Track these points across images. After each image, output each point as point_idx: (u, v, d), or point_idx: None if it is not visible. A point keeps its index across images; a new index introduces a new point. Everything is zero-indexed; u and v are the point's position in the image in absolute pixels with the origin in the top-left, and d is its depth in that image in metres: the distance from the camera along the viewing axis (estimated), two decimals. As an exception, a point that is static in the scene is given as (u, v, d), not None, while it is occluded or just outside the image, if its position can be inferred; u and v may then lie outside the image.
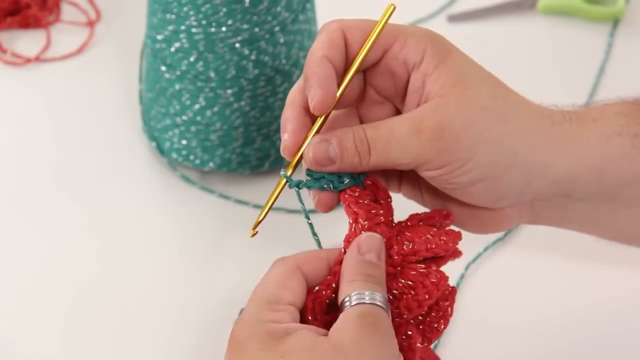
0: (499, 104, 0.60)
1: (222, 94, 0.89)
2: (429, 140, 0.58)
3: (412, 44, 0.61)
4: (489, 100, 0.59)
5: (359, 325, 0.53)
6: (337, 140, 0.59)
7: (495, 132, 0.59)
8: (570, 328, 0.82)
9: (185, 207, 0.92)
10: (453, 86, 0.59)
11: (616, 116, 0.62)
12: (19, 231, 0.90)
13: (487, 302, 0.84)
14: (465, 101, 0.59)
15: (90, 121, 1.00)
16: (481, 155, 0.59)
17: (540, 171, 0.61)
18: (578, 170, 0.61)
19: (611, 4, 1.12)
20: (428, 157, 0.58)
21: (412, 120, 0.59)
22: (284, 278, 0.57)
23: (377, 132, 0.59)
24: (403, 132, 0.58)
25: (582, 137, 0.61)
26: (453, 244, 0.60)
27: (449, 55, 0.60)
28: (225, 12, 0.85)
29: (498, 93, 0.60)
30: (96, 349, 0.81)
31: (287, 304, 0.56)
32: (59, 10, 1.12)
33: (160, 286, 0.85)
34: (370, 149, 0.59)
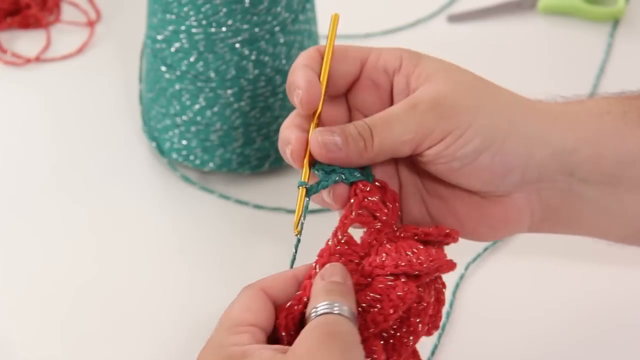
0: (485, 85, 0.62)
1: (222, 94, 0.89)
2: (426, 110, 0.60)
3: (387, 53, 0.63)
4: (475, 81, 0.62)
5: (315, 335, 0.53)
6: (340, 129, 0.61)
7: (488, 103, 0.61)
8: (570, 328, 0.82)
9: (185, 207, 0.92)
10: (437, 72, 0.61)
11: (602, 99, 0.65)
12: (19, 231, 0.90)
13: (487, 302, 0.84)
14: (453, 80, 0.61)
15: (90, 121, 1.00)
16: (480, 121, 0.60)
17: (540, 139, 0.62)
18: (575, 142, 0.62)
19: (611, 4, 1.12)
20: (429, 127, 0.60)
21: (407, 101, 0.61)
22: (247, 301, 0.58)
23: (375, 116, 0.61)
24: (400, 110, 0.60)
25: (573, 112, 0.63)
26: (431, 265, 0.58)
27: (424, 56, 0.63)
28: (225, 12, 0.85)
29: (481, 79, 0.63)
30: (96, 349, 0.81)
31: (248, 325, 0.57)
32: (59, 10, 1.12)
33: (160, 286, 0.85)
34: (372, 131, 0.60)
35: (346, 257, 0.59)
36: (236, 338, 0.56)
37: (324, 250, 0.59)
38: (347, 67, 0.64)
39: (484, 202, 0.64)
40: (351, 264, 0.59)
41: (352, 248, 0.59)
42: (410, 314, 0.58)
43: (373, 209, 0.60)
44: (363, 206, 0.60)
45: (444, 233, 0.61)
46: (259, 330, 0.57)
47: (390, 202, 0.61)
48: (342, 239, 0.59)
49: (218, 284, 0.85)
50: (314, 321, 0.54)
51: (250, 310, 0.57)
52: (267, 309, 0.58)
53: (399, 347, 0.58)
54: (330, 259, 0.58)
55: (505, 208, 0.64)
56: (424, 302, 0.58)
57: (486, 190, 0.63)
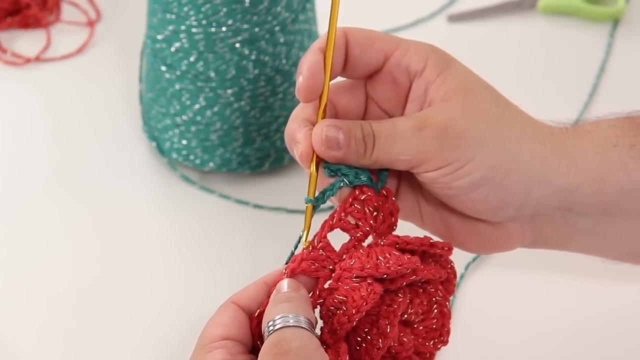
0: (501, 110, 0.60)
1: (222, 94, 0.89)
2: (431, 137, 0.58)
3: (414, 52, 0.61)
4: (491, 106, 0.60)
5: (270, 356, 0.53)
6: (346, 128, 0.60)
7: (497, 136, 0.59)
8: (570, 328, 0.82)
9: (185, 207, 0.92)
10: (456, 91, 0.60)
11: (610, 128, 0.63)
12: (19, 231, 0.90)
13: (487, 302, 0.84)
14: (469, 105, 0.59)
15: (90, 121, 1.00)
16: (482, 157, 0.59)
17: (541, 179, 0.61)
18: (578, 180, 0.61)
19: (611, 4, 1.12)
20: (429, 154, 0.59)
21: (416, 119, 0.59)
22: (217, 316, 0.58)
23: (382, 126, 0.60)
24: (406, 127, 0.59)
25: (580, 147, 0.62)
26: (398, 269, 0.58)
27: (450, 64, 0.61)
28: (226, 12, 0.85)
29: (499, 101, 0.61)
30: (97, 349, 0.81)
31: (221, 339, 0.57)
32: (59, 10, 1.12)
33: (161, 286, 0.85)
34: (375, 140, 0.59)
35: (319, 264, 0.59)
36: (210, 356, 0.56)
37: (296, 256, 0.59)
38: (370, 58, 0.62)
39: (477, 222, 0.64)
40: (324, 270, 0.59)
41: (327, 254, 0.59)
42: (380, 316, 0.58)
43: (356, 217, 0.60)
44: (348, 212, 0.60)
45: (428, 243, 0.60)
46: (232, 343, 0.57)
47: (385, 213, 0.61)
48: (317, 245, 0.59)
49: (218, 284, 0.85)
50: (267, 341, 0.54)
51: (219, 324, 0.58)
52: (239, 320, 0.58)
53: (370, 350, 0.58)
54: (300, 264, 0.58)
55: (497, 232, 0.64)
56: (394, 305, 0.58)
57: (479, 218, 0.63)
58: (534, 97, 1.03)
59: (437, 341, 0.61)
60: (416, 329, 0.60)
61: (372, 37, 0.62)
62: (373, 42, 0.62)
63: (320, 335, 0.57)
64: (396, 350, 0.59)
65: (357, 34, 0.62)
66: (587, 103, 1.03)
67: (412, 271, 0.58)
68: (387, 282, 0.57)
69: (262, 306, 0.58)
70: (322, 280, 0.59)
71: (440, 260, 0.61)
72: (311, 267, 0.58)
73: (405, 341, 0.59)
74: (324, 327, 0.57)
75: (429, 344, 0.61)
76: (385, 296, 0.58)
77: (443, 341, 0.61)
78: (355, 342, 0.58)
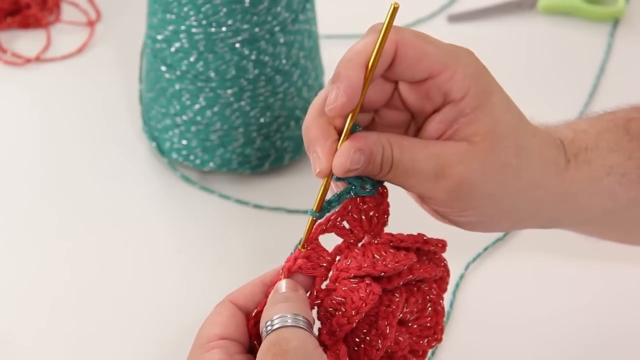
0: (518, 159, 0.61)
1: (222, 94, 0.89)
2: (446, 188, 0.58)
3: (459, 79, 0.59)
4: (512, 156, 0.60)
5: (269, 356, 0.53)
6: (368, 152, 0.58)
7: (506, 190, 0.61)
8: (570, 327, 0.82)
9: (185, 207, 0.92)
10: (484, 137, 0.59)
11: (609, 154, 0.64)
12: (19, 231, 0.90)
13: (487, 301, 0.84)
14: (490, 158, 0.59)
15: (90, 121, 1.00)
16: (485, 207, 0.60)
17: (531, 217, 0.64)
18: (564, 213, 0.64)
19: (611, 4, 1.12)
20: (438, 198, 0.59)
21: (437, 164, 0.58)
22: (214, 316, 0.58)
23: (403, 157, 0.58)
24: (426, 170, 0.58)
25: (576, 186, 0.63)
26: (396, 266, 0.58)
27: (489, 99, 0.59)
28: (225, 12, 0.85)
29: (521, 144, 0.61)
30: (96, 349, 0.81)
31: (218, 339, 0.57)
32: (59, 10, 1.12)
33: (161, 286, 0.85)
34: (392, 169, 0.58)
35: (314, 261, 0.59)
36: (207, 356, 0.56)
37: (290, 256, 0.59)
38: (414, 75, 0.59)
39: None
40: (320, 268, 0.59)
41: (319, 253, 0.59)
42: (379, 317, 0.58)
43: (352, 224, 0.60)
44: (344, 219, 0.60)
45: (422, 240, 0.60)
46: (230, 343, 0.57)
47: (380, 213, 0.60)
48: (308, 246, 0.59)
49: (218, 284, 0.85)
50: (265, 341, 0.54)
51: (216, 324, 0.57)
52: (236, 319, 0.58)
53: (369, 351, 0.58)
54: (296, 262, 0.58)
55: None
56: (392, 305, 0.58)
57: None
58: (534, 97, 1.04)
59: (431, 339, 0.61)
60: (411, 327, 0.60)
61: (422, 54, 0.58)
62: (422, 60, 0.58)
63: (318, 336, 0.57)
64: (392, 350, 0.59)
65: (408, 49, 0.58)
66: (587, 103, 1.03)
67: (408, 269, 0.58)
68: (385, 281, 0.57)
69: (260, 306, 0.58)
70: (319, 280, 0.58)
71: (434, 258, 0.61)
72: (307, 265, 0.58)
73: (400, 340, 0.59)
74: (322, 328, 0.57)
75: (423, 342, 0.61)
76: (383, 296, 0.58)
77: (437, 339, 0.61)
78: (354, 343, 0.58)
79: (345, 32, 1.04)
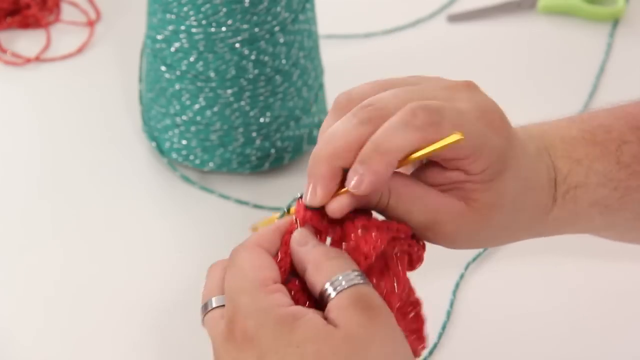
0: (514, 218, 0.62)
1: (222, 94, 0.89)
2: (432, 236, 0.60)
3: (480, 163, 0.59)
4: (505, 220, 0.61)
5: (358, 310, 0.53)
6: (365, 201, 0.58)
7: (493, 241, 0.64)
8: (570, 327, 0.82)
9: (185, 207, 0.92)
10: (483, 207, 0.60)
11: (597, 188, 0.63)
12: (17, 231, 0.90)
13: (487, 301, 0.84)
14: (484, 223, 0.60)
15: (90, 121, 1.00)
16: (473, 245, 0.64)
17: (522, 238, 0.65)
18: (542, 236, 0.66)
19: (611, 4, 1.12)
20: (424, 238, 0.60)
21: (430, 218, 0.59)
22: (256, 260, 0.56)
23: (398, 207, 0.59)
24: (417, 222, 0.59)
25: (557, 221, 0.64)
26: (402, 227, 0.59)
27: (502, 175, 0.60)
28: (225, 12, 0.85)
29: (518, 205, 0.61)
30: (95, 349, 0.81)
31: (273, 282, 0.55)
32: (59, 10, 1.12)
33: (160, 286, 0.85)
34: (384, 211, 0.59)
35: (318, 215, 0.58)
36: (275, 297, 0.54)
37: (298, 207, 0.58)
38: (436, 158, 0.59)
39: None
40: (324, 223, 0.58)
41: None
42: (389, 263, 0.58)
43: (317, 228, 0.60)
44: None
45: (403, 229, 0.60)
46: (284, 287, 0.55)
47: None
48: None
49: (218, 284, 0.84)
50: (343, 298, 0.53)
51: (266, 268, 0.56)
52: (275, 264, 0.57)
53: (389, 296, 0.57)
54: (305, 213, 0.58)
55: None
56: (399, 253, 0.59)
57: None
58: (533, 97, 1.04)
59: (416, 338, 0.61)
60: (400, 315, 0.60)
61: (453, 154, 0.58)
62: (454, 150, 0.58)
63: None
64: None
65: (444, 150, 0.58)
66: (587, 103, 1.03)
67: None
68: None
69: (281, 253, 0.57)
70: (324, 237, 0.58)
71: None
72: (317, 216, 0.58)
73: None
74: None
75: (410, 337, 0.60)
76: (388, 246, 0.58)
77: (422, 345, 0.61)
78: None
79: (345, 32, 1.04)
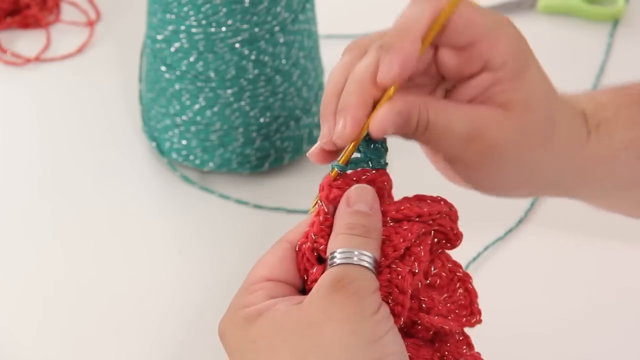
0: (549, 130, 0.61)
1: (222, 94, 0.89)
2: (477, 151, 0.59)
3: (501, 48, 0.59)
4: (543, 126, 0.61)
5: (329, 292, 0.52)
6: (407, 115, 0.57)
7: (533, 159, 0.61)
8: (571, 327, 0.82)
9: (185, 207, 0.92)
10: (519, 107, 0.59)
11: (626, 130, 0.64)
12: (18, 231, 0.90)
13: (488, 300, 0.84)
14: (524, 126, 0.60)
15: (90, 121, 1.00)
16: (511, 173, 0.61)
17: (551, 186, 0.64)
18: (582, 184, 0.65)
19: (611, 4, 1.12)
20: (468, 161, 0.59)
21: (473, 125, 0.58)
22: (265, 256, 0.57)
23: (438, 119, 0.58)
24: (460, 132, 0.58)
25: (596, 156, 0.63)
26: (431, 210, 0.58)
27: (527, 69, 0.60)
28: (225, 12, 0.85)
29: (552, 115, 0.61)
30: (96, 349, 0.81)
31: (263, 281, 0.56)
32: (59, 10, 1.12)
33: (160, 286, 0.85)
34: (426, 130, 0.58)
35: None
36: (250, 298, 0.55)
37: (323, 183, 0.57)
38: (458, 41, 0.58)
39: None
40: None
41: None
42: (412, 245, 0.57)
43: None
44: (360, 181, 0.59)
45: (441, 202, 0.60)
46: (274, 284, 0.56)
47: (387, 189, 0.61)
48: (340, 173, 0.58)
49: (218, 284, 0.85)
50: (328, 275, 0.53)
51: (265, 265, 0.56)
52: (288, 260, 0.56)
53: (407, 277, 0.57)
54: (331, 191, 0.57)
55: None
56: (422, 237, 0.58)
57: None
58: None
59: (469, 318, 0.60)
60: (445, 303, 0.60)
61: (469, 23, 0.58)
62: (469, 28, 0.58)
63: None
64: (427, 305, 0.58)
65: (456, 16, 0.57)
66: (587, 103, 1.03)
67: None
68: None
69: (302, 237, 0.57)
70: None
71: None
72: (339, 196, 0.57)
73: (435, 297, 0.58)
74: None
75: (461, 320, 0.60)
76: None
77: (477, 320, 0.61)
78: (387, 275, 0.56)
79: (345, 32, 1.04)
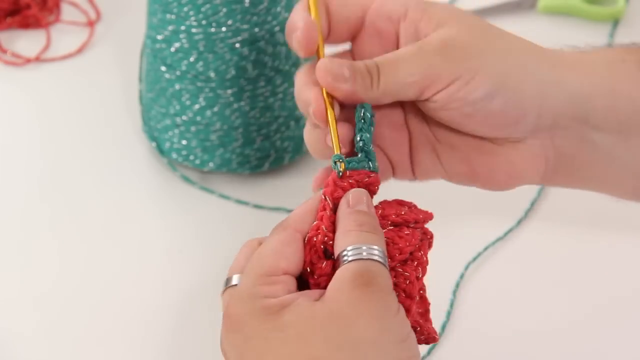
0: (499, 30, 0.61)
1: (222, 94, 0.89)
2: (433, 52, 0.59)
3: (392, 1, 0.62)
4: (489, 26, 0.61)
5: (353, 286, 0.53)
6: (348, 64, 0.60)
7: (499, 47, 0.60)
8: (571, 327, 0.82)
9: (185, 207, 0.92)
10: (449, 18, 0.60)
11: (617, 48, 0.64)
12: (17, 231, 0.90)
13: (487, 301, 0.84)
14: (467, 24, 0.60)
15: (90, 121, 1.00)
16: (490, 66, 0.59)
17: (554, 84, 0.61)
18: (590, 88, 0.62)
19: (611, 4, 1.12)
20: (436, 70, 0.59)
21: (415, 43, 0.60)
22: (281, 246, 0.57)
23: (384, 56, 0.60)
24: (407, 51, 0.59)
25: (588, 60, 0.62)
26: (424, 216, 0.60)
27: (432, 3, 0.61)
28: (225, 12, 0.85)
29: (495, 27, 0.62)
30: (94, 350, 0.81)
31: (282, 273, 0.56)
32: (59, 10, 1.12)
33: (160, 286, 0.85)
34: (379, 70, 0.59)
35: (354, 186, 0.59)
36: (270, 289, 0.55)
37: (328, 180, 0.59)
38: (348, 12, 0.62)
39: (497, 148, 0.63)
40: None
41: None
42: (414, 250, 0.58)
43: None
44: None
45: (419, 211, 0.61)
46: (290, 278, 0.56)
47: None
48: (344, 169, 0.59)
49: (218, 284, 0.84)
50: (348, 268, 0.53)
51: (284, 257, 0.56)
52: (299, 252, 0.57)
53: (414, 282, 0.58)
54: (336, 188, 0.58)
55: (519, 153, 0.63)
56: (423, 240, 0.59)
57: (499, 136, 0.62)
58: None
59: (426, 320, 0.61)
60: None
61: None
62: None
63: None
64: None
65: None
66: (587, 103, 1.02)
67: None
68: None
69: (312, 230, 0.57)
70: None
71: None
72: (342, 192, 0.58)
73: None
74: None
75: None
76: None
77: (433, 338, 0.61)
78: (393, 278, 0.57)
79: (345, 32, 1.04)
